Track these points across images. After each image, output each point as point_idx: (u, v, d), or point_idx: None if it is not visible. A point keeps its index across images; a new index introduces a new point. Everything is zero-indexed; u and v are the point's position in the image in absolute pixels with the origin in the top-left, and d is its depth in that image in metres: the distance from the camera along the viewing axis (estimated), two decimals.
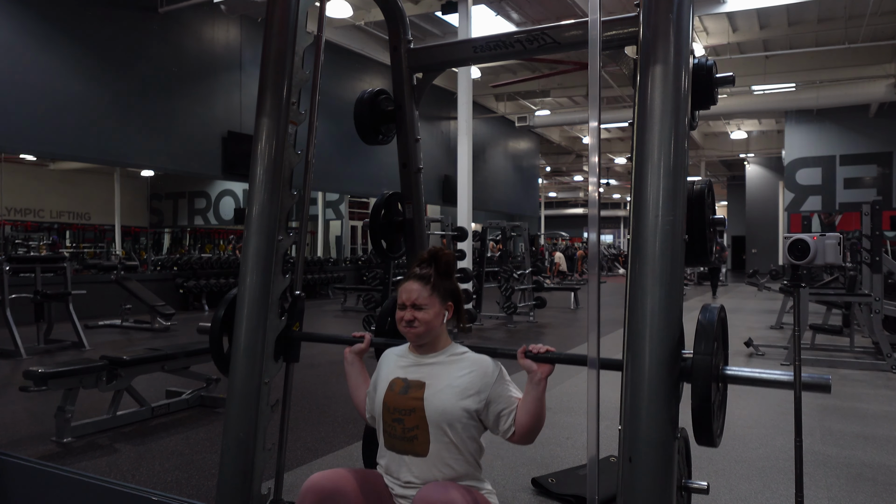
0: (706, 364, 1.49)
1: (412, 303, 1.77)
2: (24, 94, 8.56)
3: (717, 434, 1.59)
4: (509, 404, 1.75)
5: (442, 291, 1.80)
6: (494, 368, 1.78)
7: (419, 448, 1.72)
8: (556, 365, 1.77)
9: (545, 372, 1.73)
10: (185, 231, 20.05)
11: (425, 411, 1.71)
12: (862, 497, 2.90)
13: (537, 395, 1.72)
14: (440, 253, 1.83)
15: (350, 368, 2.00)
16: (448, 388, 1.73)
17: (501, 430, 1.76)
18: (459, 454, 1.74)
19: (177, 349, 4.30)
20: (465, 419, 1.72)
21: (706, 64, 1.85)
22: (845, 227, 16.01)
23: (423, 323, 1.76)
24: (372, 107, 2.57)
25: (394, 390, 1.78)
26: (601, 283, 1.67)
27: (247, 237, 2.07)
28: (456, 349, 1.83)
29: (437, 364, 1.80)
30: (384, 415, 1.78)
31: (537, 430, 1.76)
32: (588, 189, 1.75)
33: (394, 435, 1.76)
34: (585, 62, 1.74)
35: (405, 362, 1.84)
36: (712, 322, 1.53)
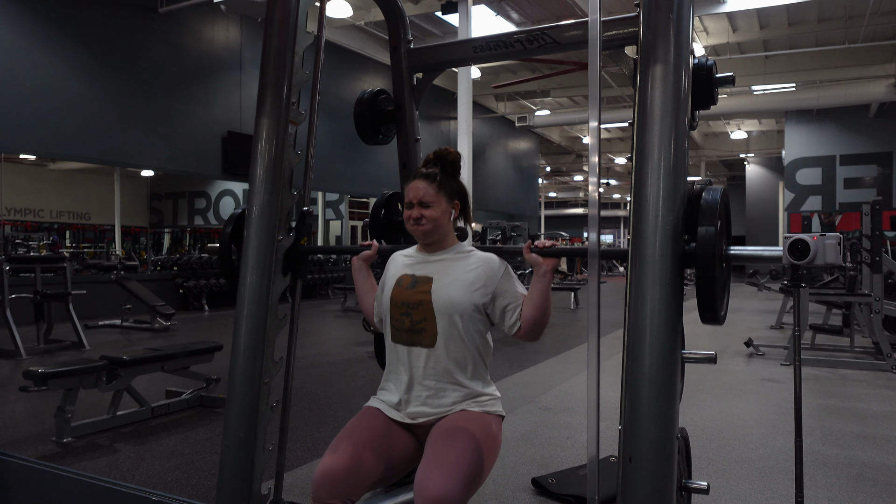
0: (710, 240, 1.50)
1: (419, 200, 1.79)
2: (24, 94, 8.56)
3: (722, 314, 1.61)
4: (515, 299, 1.78)
5: (448, 189, 1.83)
6: (501, 265, 1.82)
7: (427, 340, 1.75)
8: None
9: (550, 265, 1.77)
10: (185, 231, 20.05)
11: (433, 304, 1.75)
12: (862, 497, 2.90)
13: (543, 287, 1.76)
14: (446, 152, 1.85)
15: (358, 275, 2.03)
16: (455, 281, 1.77)
17: (507, 325, 1.78)
18: (466, 348, 1.76)
19: (177, 349, 4.30)
20: (472, 311, 1.76)
21: (706, 64, 1.85)
22: (845, 227, 16.01)
23: (431, 220, 1.79)
24: (372, 107, 2.57)
25: (402, 286, 1.82)
26: (601, 283, 1.67)
27: (247, 237, 2.07)
28: (462, 247, 1.87)
29: (444, 260, 1.83)
30: (392, 310, 1.81)
31: (542, 325, 1.78)
32: (588, 189, 1.75)
33: (401, 328, 1.79)
34: (585, 62, 1.74)
35: (412, 260, 1.88)
36: (716, 201, 1.54)
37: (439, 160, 1.84)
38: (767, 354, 6.63)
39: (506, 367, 5.83)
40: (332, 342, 7.75)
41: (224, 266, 2.21)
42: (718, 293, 1.56)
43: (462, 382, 1.77)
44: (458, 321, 1.75)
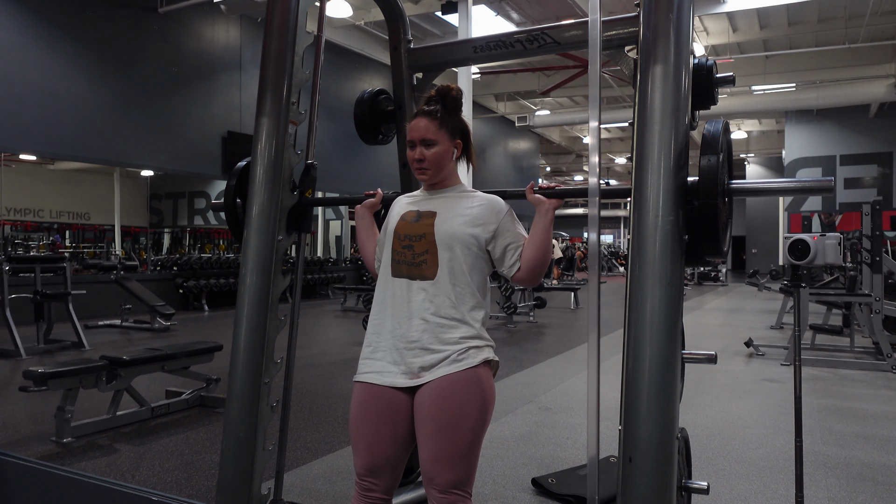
0: (712, 171, 1.50)
1: (421, 138, 1.78)
2: (24, 94, 8.56)
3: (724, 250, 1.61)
4: (516, 239, 1.78)
5: (450, 128, 1.81)
6: (505, 205, 1.82)
7: (427, 271, 1.74)
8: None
9: (553, 204, 1.78)
10: (185, 231, 20.05)
11: (435, 235, 1.74)
12: (862, 497, 2.90)
13: (544, 225, 1.77)
14: (448, 89, 1.83)
15: (361, 222, 2.02)
16: (458, 216, 1.77)
17: (507, 265, 1.77)
18: (466, 282, 1.74)
19: (177, 349, 4.30)
20: (474, 246, 1.75)
21: (706, 64, 1.85)
22: (845, 227, 16.01)
23: (433, 161, 1.78)
24: (372, 107, 2.57)
25: (405, 220, 1.81)
26: (601, 283, 1.67)
27: (247, 237, 2.07)
28: (466, 187, 1.87)
29: (448, 197, 1.83)
30: (394, 242, 1.79)
31: (542, 268, 1.77)
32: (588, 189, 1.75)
33: (402, 261, 1.77)
34: (585, 62, 1.74)
35: (417, 199, 1.87)
36: (717, 134, 1.54)
37: (441, 97, 1.81)
38: (767, 354, 6.63)
39: (506, 367, 5.83)
40: (332, 342, 7.75)
41: (230, 220, 2.24)
42: (721, 225, 1.55)
43: (460, 318, 1.72)
44: (460, 253, 1.74)
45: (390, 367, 1.73)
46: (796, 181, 1.73)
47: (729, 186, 1.65)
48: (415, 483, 2.60)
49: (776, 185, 1.67)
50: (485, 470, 3.15)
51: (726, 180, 1.65)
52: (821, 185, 1.63)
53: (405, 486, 2.56)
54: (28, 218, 17.78)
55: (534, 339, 8.03)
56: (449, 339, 1.70)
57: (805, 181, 1.67)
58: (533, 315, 9.91)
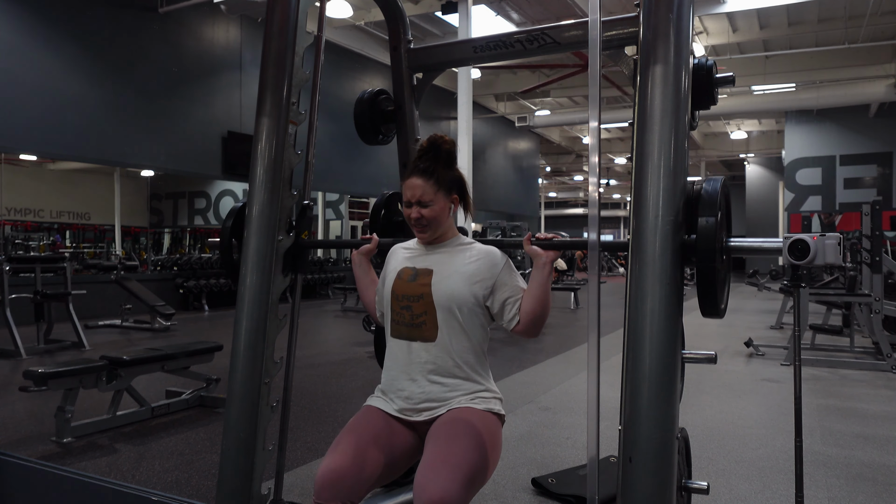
0: (711, 231, 1.49)
1: (417, 199, 1.76)
2: (24, 94, 8.56)
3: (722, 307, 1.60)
4: (515, 293, 1.76)
5: (447, 183, 1.79)
6: (502, 258, 1.80)
7: (427, 333, 1.74)
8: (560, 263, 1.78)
9: (550, 257, 1.75)
10: (185, 231, 20.05)
11: (433, 296, 1.73)
12: (862, 497, 2.90)
13: (542, 279, 1.74)
14: (440, 141, 1.81)
15: (358, 270, 2.02)
16: (456, 273, 1.75)
17: (506, 319, 1.76)
18: (467, 340, 1.75)
19: (177, 349, 4.30)
20: (472, 304, 1.74)
21: (706, 64, 1.85)
22: (845, 227, 16.01)
23: (431, 219, 1.77)
24: (372, 107, 2.57)
25: (402, 278, 1.80)
26: (601, 283, 1.67)
27: (247, 237, 2.07)
28: (463, 240, 1.85)
29: (444, 253, 1.82)
30: (392, 303, 1.79)
31: (542, 320, 1.76)
32: (588, 189, 1.75)
33: (402, 322, 1.77)
34: (585, 62, 1.74)
35: (413, 253, 1.86)
36: (716, 192, 1.53)
37: (434, 150, 1.80)
38: (767, 354, 6.63)
39: (506, 367, 5.83)
40: (332, 342, 7.75)
41: (225, 261, 2.21)
42: (719, 285, 1.55)
43: (464, 376, 1.75)
44: (458, 314, 1.73)
45: (394, 409, 1.80)
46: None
47: (727, 245, 1.63)
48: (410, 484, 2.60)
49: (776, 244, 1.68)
50: None
51: (724, 238, 1.63)
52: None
53: (404, 486, 2.56)
54: (28, 218, 17.78)
55: (533, 339, 8.03)
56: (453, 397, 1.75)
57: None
58: None
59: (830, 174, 17.90)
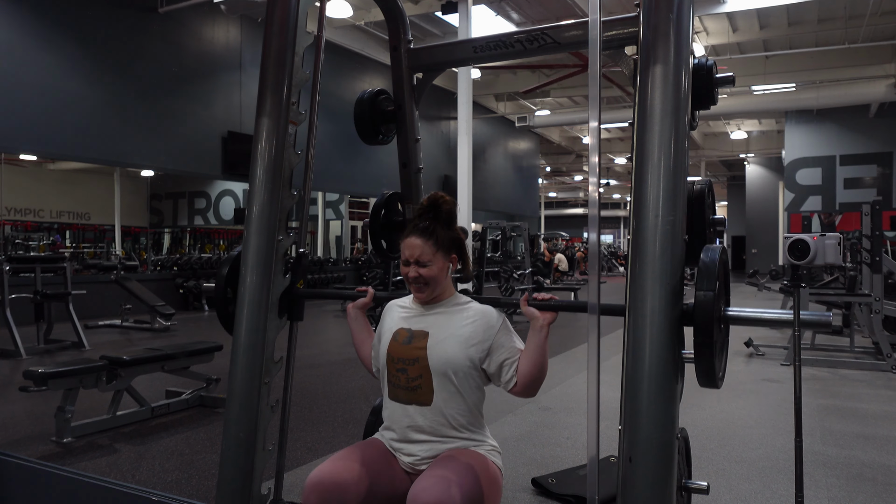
0: (708, 303, 1.48)
1: (416, 259, 1.75)
2: (24, 94, 8.55)
3: (720, 376, 1.59)
4: (512, 354, 1.75)
5: (446, 244, 1.78)
6: (498, 318, 1.78)
7: (423, 397, 1.72)
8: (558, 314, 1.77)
9: (548, 319, 1.73)
10: (185, 231, 20.05)
11: (429, 360, 1.72)
12: (862, 497, 2.90)
13: (539, 342, 1.72)
14: (440, 201, 1.79)
15: (354, 324, 2.01)
16: (451, 337, 1.73)
17: (503, 381, 1.75)
18: (463, 403, 1.74)
19: (177, 349, 4.30)
20: (468, 368, 1.72)
21: (706, 64, 1.85)
22: (845, 227, 16.01)
23: (429, 279, 1.76)
24: (372, 107, 2.57)
25: (398, 340, 1.79)
26: (601, 283, 1.67)
27: (247, 237, 2.07)
28: (459, 299, 1.83)
29: (440, 314, 1.80)
30: (388, 365, 1.78)
31: (539, 382, 1.75)
32: (588, 189, 1.75)
33: (398, 385, 1.76)
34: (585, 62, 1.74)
35: (409, 313, 1.84)
36: (714, 262, 1.53)
37: (434, 210, 1.78)
38: (767, 354, 6.63)
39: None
40: (332, 342, 7.75)
41: (219, 310, 2.13)
42: (716, 355, 1.53)
43: (461, 436, 1.75)
44: (454, 378, 1.71)
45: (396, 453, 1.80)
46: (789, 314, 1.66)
47: (725, 314, 1.62)
48: None
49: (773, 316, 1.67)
50: None
51: (723, 308, 1.62)
52: (819, 320, 1.63)
53: None
54: (28, 218, 17.78)
55: None
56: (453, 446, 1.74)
57: (806, 315, 1.64)
58: None
59: (830, 174, 17.89)
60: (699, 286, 1.51)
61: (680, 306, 1.56)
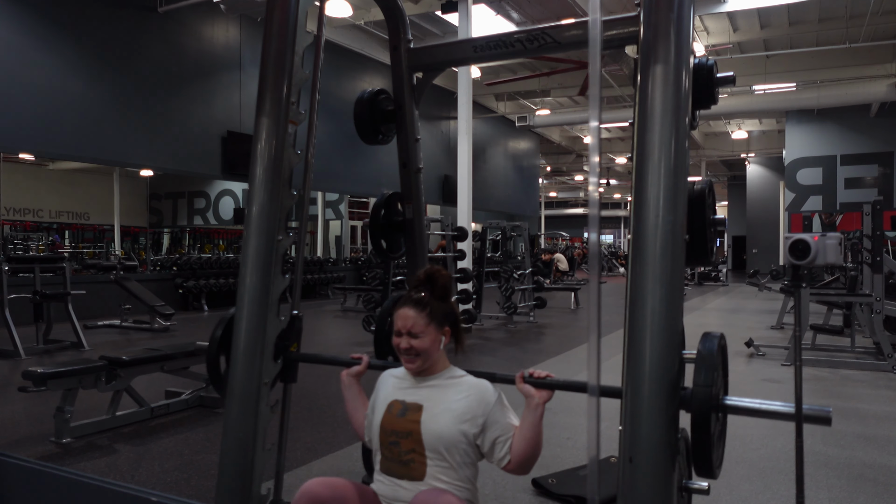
0: (706, 395, 1.48)
1: (408, 330, 1.74)
2: (24, 94, 8.55)
3: (717, 465, 1.58)
4: (506, 431, 1.72)
5: (439, 317, 1.77)
6: (493, 394, 1.75)
7: (415, 472, 1.70)
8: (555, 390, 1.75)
9: (543, 398, 1.71)
10: (185, 231, 20.05)
11: (422, 434, 1.70)
12: (863, 498, 2.90)
13: (534, 420, 1.70)
14: (437, 274, 1.80)
15: (347, 392, 1.98)
16: (446, 411, 1.71)
17: (496, 458, 1.73)
18: (456, 478, 1.71)
19: (176, 349, 4.29)
20: (462, 444, 1.70)
21: (707, 64, 1.84)
22: (846, 227, 15.99)
23: (421, 350, 1.74)
24: (372, 107, 2.57)
25: (391, 412, 1.77)
26: (601, 283, 1.66)
27: (247, 237, 2.07)
28: (454, 372, 1.81)
29: (435, 387, 1.78)
30: (381, 437, 1.76)
31: (533, 460, 1.72)
32: (588, 189, 1.74)
33: (390, 458, 1.74)
34: (585, 61, 1.73)
35: (403, 385, 1.82)
36: (712, 351, 1.52)
37: (430, 283, 1.78)
38: (768, 355, 6.62)
39: (506, 368, 5.82)
40: (332, 342, 7.75)
41: (211, 373, 2.10)
42: (714, 444, 1.53)
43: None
44: (447, 454, 1.70)
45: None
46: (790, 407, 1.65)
47: (723, 403, 1.61)
48: None
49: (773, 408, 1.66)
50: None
51: (721, 395, 1.61)
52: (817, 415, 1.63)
53: None
54: (27, 218, 17.78)
55: (534, 339, 8.02)
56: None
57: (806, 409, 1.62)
58: (533, 315, 9.91)
59: (831, 174, 17.89)
60: (697, 376, 1.49)
61: (680, 307, 1.56)
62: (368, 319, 7.86)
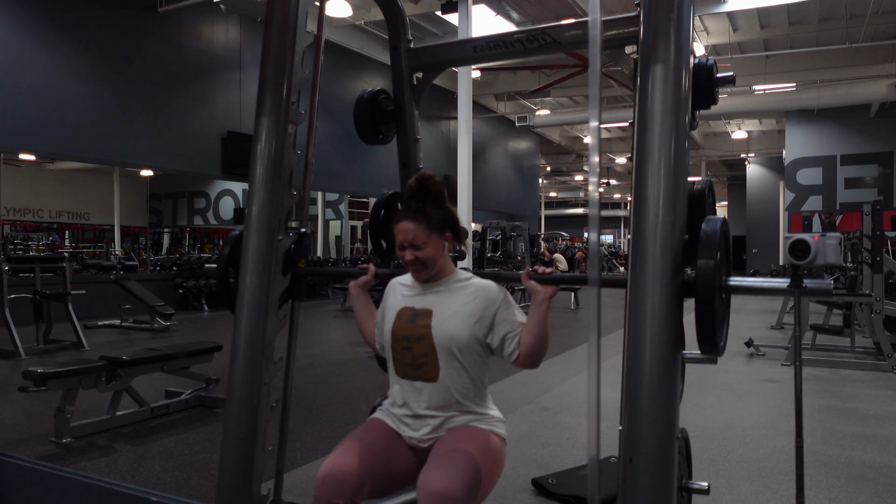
0: (710, 273, 1.49)
1: (410, 243, 1.77)
2: (24, 94, 8.55)
3: (721, 344, 1.60)
4: (514, 328, 1.78)
5: (438, 224, 1.79)
6: (499, 293, 1.81)
7: (429, 374, 1.76)
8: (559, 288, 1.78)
9: (549, 293, 1.76)
10: (185, 231, 20.04)
11: (433, 338, 1.75)
12: (863, 498, 2.90)
13: (541, 315, 1.75)
14: (429, 181, 1.81)
15: (356, 302, 2.03)
16: (455, 314, 1.77)
17: (506, 354, 1.79)
18: (468, 378, 1.78)
19: (176, 349, 4.29)
20: (472, 344, 1.76)
21: (707, 64, 1.84)
22: (846, 227, 15.99)
23: (426, 260, 1.78)
24: (372, 107, 2.57)
25: (402, 319, 1.82)
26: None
27: (247, 237, 2.07)
28: (460, 275, 1.86)
29: (442, 292, 1.82)
30: (393, 344, 1.82)
31: (541, 353, 1.78)
32: (588, 189, 1.74)
33: (404, 363, 1.79)
34: (585, 62, 1.74)
35: (411, 291, 1.87)
36: (715, 232, 1.53)
37: (423, 191, 1.79)
38: (768, 355, 6.63)
39: (506, 368, 5.81)
40: (332, 342, 7.75)
41: (221, 289, 2.15)
42: (718, 324, 1.54)
43: (466, 408, 1.79)
44: (459, 354, 1.75)
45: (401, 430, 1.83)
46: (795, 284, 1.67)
47: (727, 284, 1.63)
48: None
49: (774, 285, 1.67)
50: None
51: (724, 278, 1.63)
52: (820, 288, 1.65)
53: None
54: (27, 218, 17.77)
55: None
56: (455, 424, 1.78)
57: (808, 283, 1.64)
58: None
59: (831, 174, 17.89)
60: (700, 255, 1.51)
61: (680, 307, 1.56)
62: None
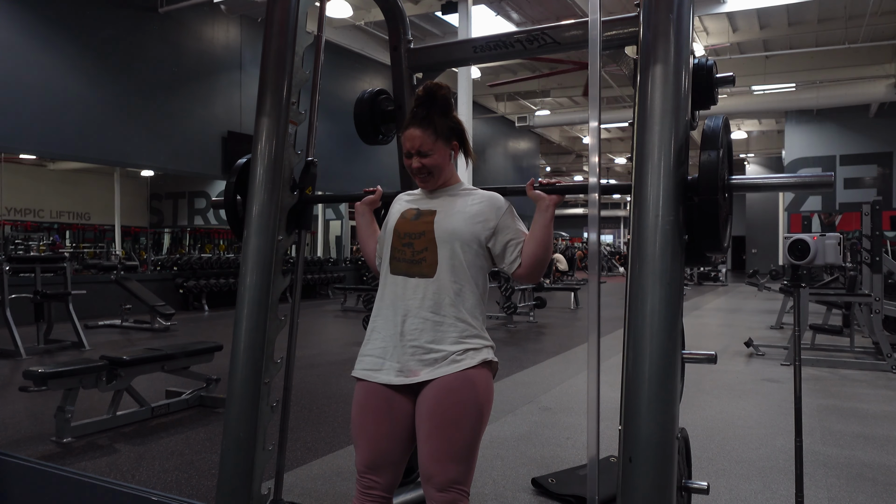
0: (713, 168, 1.49)
1: (417, 150, 1.76)
2: (24, 94, 8.56)
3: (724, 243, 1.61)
4: (517, 236, 1.78)
5: (445, 132, 1.78)
6: (505, 202, 1.82)
7: (427, 269, 1.73)
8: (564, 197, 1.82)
9: (553, 200, 1.78)
10: (185, 231, 20.04)
11: (435, 233, 1.74)
12: (862, 497, 2.90)
13: (545, 222, 1.77)
14: (436, 89, 1.79)
15: (361, 219, 2.02)
16: (458, 213, 1.77)
17: (507, 261, 1.78)
18: (466, 279, 1.74)
19: (177, 349, 4.30)
20: (473, 243, 1.75)
21: (706, 64, 1.85)
22: (845, 227, 16.02)
23: (432, 168, 1.77)
24: (372, 107, 2.57)
25: (406, 218, 1.81)
26: (601, 283, 1.67)
27: (247, 237, 2.07)
28: (466, 185, 1.87)
29: (448, 196, 1.82)
30: (394, 241, 1.79)
31: (543, 264, 1.77)
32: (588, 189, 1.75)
33: (402, 259, 1.77)
34: (585, 62, 1.74)
35: (417, 198, 1.87)
36: (717, 130, 1.54)
37: (430, 99, 1.77)
38: (767, 354, 6.63)
39: (506, 367, 5.82)
40: (332, 342, 7.75)
41: (230, 217, 2.22)
42: (721, 221, 1.56)
43: (458, 315, 1.71)
44: (460, 251, 1.73)
45: (386, 364, 1.74)
46: (795, 176, 1.74)
47: (729, 182, 1.66)
48: (414, 483, 2.60)
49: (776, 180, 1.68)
50: (485, 470, 3.15)
51: (726, 176, 1.65)
52: (820, 181, 1.64)
53: (405, 486, 2.56)
54: (28, 218, 17.77)
55: (534, 339, 8.03)
56: (447, 338, 1.69)
57: (804, 176, 1.68)
58: (533, 315, 9.91)
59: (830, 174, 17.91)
60: (703, 149, 1.52)
61: (680, 307, 1.56)
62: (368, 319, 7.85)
